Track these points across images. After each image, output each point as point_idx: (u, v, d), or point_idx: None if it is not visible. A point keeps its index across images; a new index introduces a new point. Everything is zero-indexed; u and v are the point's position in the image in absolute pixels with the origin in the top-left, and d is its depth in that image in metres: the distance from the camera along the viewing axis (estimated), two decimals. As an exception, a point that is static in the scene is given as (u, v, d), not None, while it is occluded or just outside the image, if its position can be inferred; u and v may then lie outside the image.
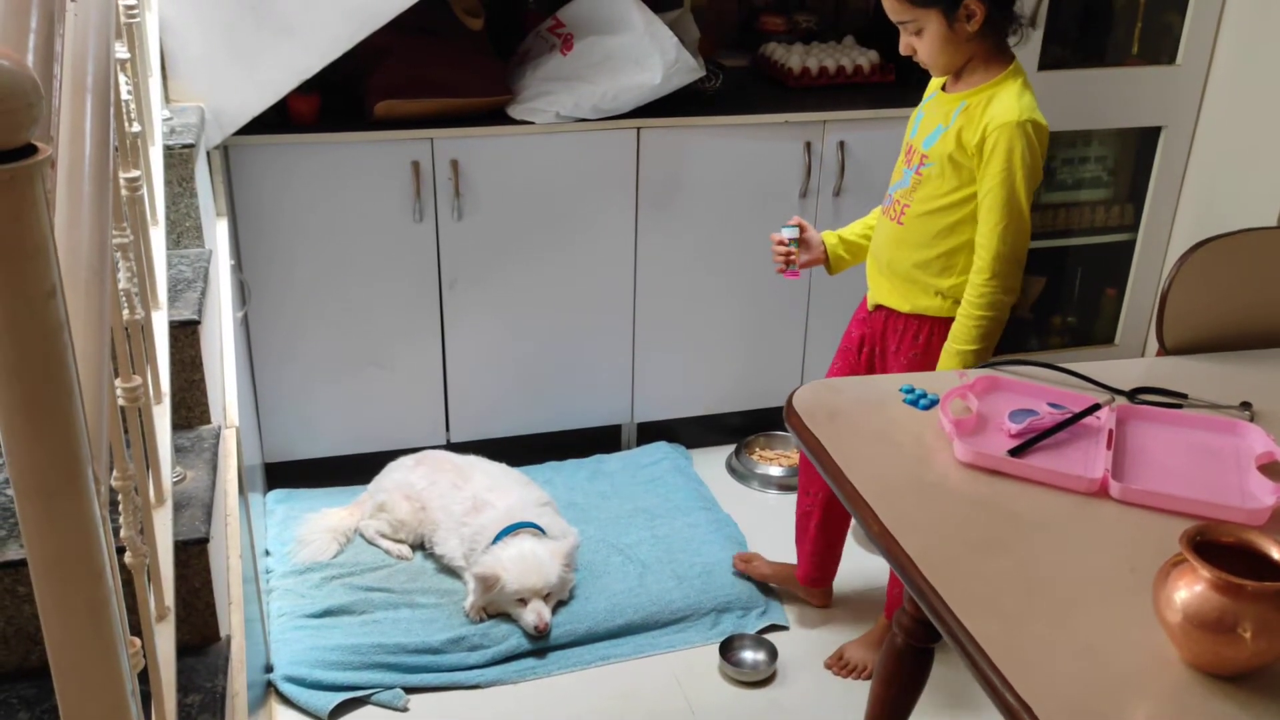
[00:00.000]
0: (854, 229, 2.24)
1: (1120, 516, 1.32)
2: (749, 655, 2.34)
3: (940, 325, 2.02)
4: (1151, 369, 1.71)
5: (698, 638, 2.39)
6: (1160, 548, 1.20)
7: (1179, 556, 1.08)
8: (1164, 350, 1.77)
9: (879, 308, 2.13)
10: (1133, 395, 1.58)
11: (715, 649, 2.33)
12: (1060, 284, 3.40)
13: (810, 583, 2.46)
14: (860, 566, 2.61)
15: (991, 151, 1.86)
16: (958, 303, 1.98)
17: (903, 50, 1.93)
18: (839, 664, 2.32)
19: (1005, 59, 1.91)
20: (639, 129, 2.71)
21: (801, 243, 2.19)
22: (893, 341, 2.11)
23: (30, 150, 0.78)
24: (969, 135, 1.88)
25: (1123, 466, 1.42)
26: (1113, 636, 1.12)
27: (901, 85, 2.97)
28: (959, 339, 1.95)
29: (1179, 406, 1.56)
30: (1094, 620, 1.15)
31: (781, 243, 2.18)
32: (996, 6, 1.85)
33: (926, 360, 2.05)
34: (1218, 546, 1.09)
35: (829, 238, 2.22)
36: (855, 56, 3.02)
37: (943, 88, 1.99)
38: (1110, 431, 1.46)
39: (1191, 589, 1.05)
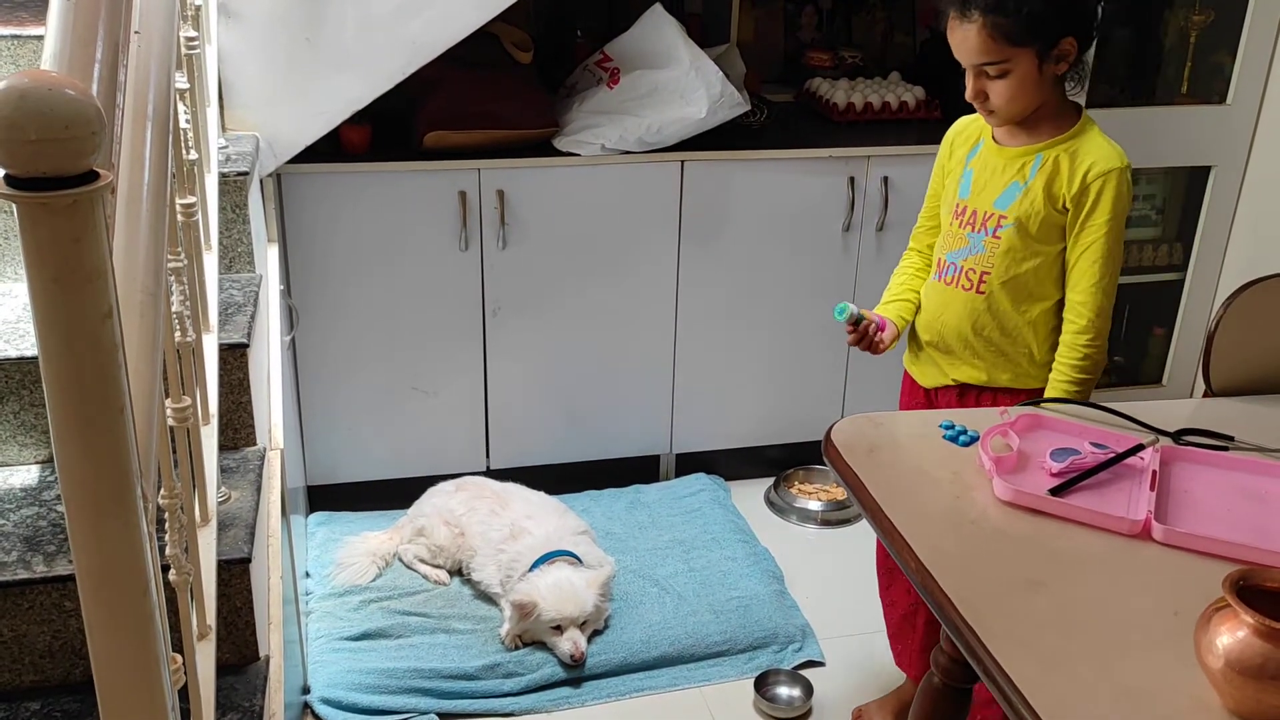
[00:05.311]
0: (897, 294, 2.07)
1: (1163, 559, 1.30)
2: (784, 691, 2.32)
3: (1037, 395, 1.86)
4: (1197, 410, 1.68)
5: (733, 672, 2.38)
6: (1205, 591, 1.18)
7: (1221, 601, 1.07)
8: (1211, 392, 1.74)
9: (958, 386, 1.96)
10: (1178, 436, 1.56)
11: (750, 684, 2.32)
12: (1106, 323, 3.36)
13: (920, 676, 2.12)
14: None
15: (1095, 201, 1.75)
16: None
17: (970, 95, 1.78)
18: None
19: (1075, 108, 1.82)
20: (683, 162, 2.73)
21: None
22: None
23: (92, 176, 0.80)
24: (1061, 187, 1.77)
25: (1166, 508, 1.40)
26: (1154, 681, 1.11)
27: (947, 121, 2.96)
28: None
29: (1225, 449, 1.54)
30: (1135, 664, 1.13)
31: (853, 325, 1.98)
32: (1084, 49, 1.74)
33: None
34: (1262, 591, 1.08)
35: (888, 311, 2.04)
36: (900, 92, 3.03)
37: (993, 139, 1.87)
38: (1154, 472, 1.44)
39: (1234, 634, 1.03)
